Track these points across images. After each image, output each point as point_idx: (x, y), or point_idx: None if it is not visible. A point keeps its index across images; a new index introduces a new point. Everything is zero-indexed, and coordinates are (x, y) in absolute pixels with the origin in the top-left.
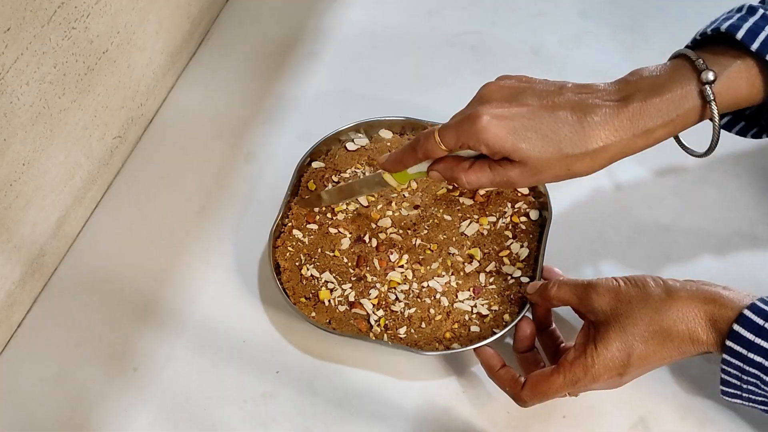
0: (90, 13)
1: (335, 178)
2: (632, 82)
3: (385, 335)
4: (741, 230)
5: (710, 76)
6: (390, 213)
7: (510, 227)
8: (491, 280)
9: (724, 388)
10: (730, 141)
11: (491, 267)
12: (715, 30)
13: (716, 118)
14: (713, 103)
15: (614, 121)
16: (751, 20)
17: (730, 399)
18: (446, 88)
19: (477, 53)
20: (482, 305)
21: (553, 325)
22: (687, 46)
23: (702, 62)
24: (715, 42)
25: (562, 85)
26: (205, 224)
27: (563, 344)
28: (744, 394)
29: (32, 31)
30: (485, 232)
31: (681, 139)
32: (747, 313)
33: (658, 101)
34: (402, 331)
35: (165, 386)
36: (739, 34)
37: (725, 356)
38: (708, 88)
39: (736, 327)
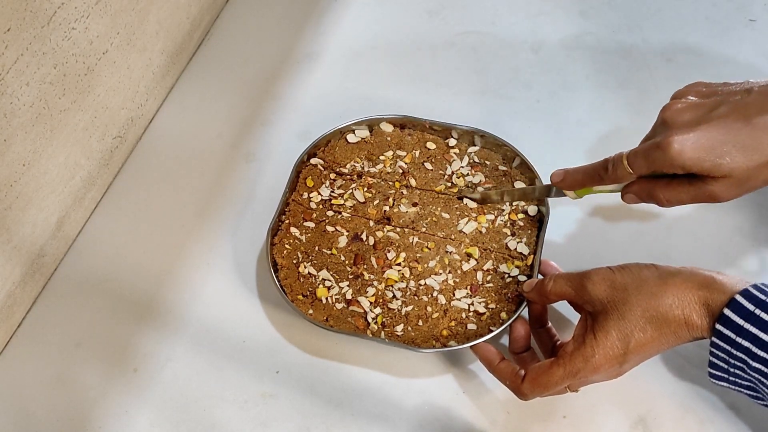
0: (90, 13)
1: (332, 176)
2: None
3: (383, 333)
4: (741, 230)
5: None
6: (387, 209)
7: (508, 224)
8: (488, 278)
9: (712, 371)
10: None
11: (489, 265)
12: None
13: None
14: None
15: None
16: None
17: (716, 382)
18: (446, 88)
19: (477, 53)
20: (479, 303)
21: (549, 324)
22: None
23: None
24: None
25: (748, 88)
26: (204, 224)
27: (559, 341)
28: (731, 378)
29: (32, 31)
30: (483, 230)
31: None
32: (738, 298)
33: None
34: (399, 328)
35: (165, 386)
36: None
37: (714, 339)
38: None
39: (726, 311)
